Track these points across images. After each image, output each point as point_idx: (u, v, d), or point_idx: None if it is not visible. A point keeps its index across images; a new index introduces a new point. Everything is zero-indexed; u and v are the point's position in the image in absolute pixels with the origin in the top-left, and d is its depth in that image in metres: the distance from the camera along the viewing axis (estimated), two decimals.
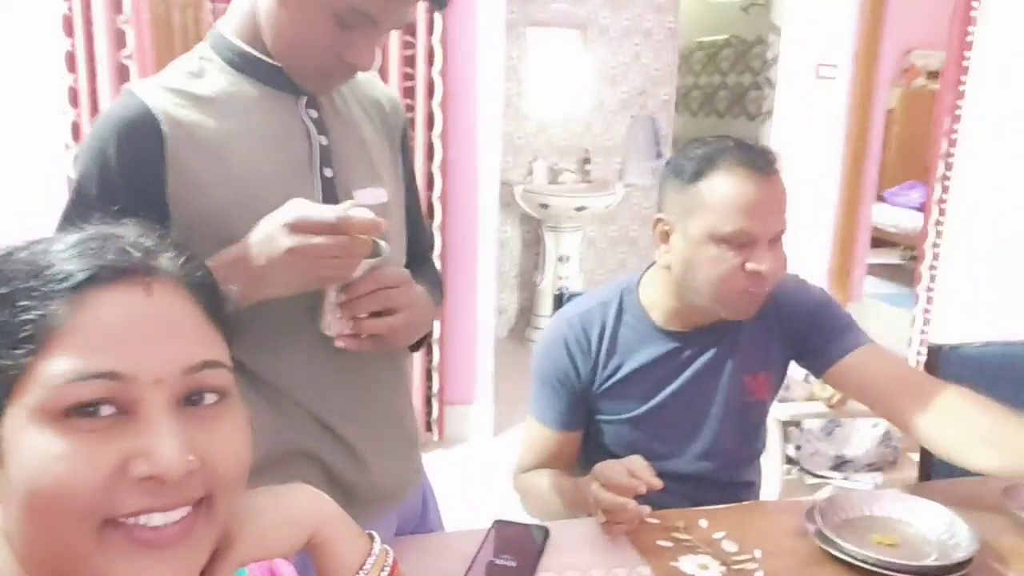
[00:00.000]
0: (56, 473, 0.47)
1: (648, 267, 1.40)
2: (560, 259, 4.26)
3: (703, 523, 1.23)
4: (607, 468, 1.15)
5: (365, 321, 0.96)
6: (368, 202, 1.00)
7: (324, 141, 1.02)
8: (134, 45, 2.63)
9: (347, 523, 0.67)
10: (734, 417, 1.38)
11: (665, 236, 1.29)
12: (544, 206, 4.13)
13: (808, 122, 4.27)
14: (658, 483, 1.11)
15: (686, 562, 1.13)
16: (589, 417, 1.40)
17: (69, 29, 2.57)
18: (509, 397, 3.24)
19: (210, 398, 0.54)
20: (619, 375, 1.36)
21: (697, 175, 1.22)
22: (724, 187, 1.20)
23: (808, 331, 1.35)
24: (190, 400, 0.53)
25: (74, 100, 2.63)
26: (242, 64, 0.99)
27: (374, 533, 0.69)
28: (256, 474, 0.57)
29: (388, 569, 0.67)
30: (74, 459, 0.48)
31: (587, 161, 4.45)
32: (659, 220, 1.30)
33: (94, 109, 2.64)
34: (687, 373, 1.36)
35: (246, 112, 0.98)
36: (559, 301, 1.72)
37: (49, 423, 0.48)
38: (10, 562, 0.52)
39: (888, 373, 1.29)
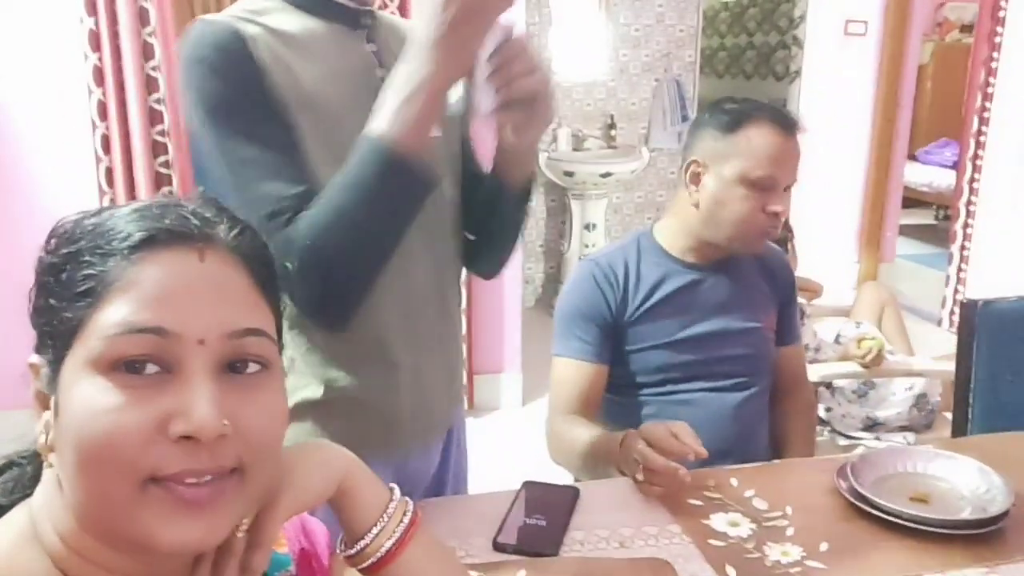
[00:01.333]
0: (102, 424, 0.49)
1: (654, 220, 1.58)
2: (586, 227, 4.24)
3: (734, 481, 1.23)
4: (655, 430, 1.16)
5: (517, 83, 0.92)
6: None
7: (382, 73, 1.01)
8: (156, 22, 2.65)
9: (369, 473, 0.68)
10: (752, 344, 1.50)
11: (696, 177, 1.44)
12: (569, 174, 4.11)
13: (837, 81, 4.19)
14: (704, 453, 1.13)
15: (717, 520, 1.13)
16: (619, 353, 1.46)
17: (92, 8, 2.59)
18: (537, 366, 3.24)
19: (252, 367, 0.55)
20: (649, 303, 1.46)
21: (735, 125, 1.40)
22: (759, 138, 1.38)
23: (784, 308, 1.58)
24: (233, 367, 0.54)
25: (99, 79, 2.65)
26: (309, 3, 1.01)
27: (394, 486, 0.70)
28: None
29: (410, 515, 0.68)
30: (118, 412, 0.49)
31: (612, 127, 4.40)
32: (694, 162, 1.44)
33: (120, 88, 2.66)
34: (711, 301, 1.48)
35: (314, 42, 1.00)
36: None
37: (99, 374, 0.50)
38: (59, 522, 0.54)
39: (795, 372, 1.62)
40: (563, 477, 1.38)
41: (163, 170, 2.78)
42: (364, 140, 0.89)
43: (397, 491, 0.70)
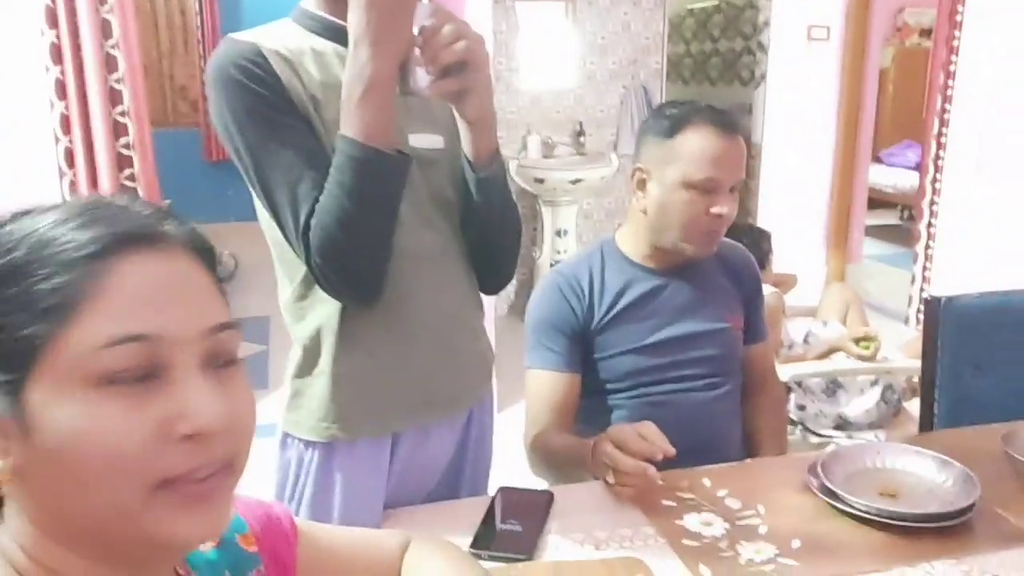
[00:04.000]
0: (104, 440, 0.49)
1: (618, 227, 1.58)
2: (557, 233, 4.25)
3: (706, 482, 1.24)
4: (622, 432, 1.16)
5: (445, 52, 1.01)
6: (423, 146, 1.14)
7: None
8: (119, 34, 2.62)
9: None
10: (720, 344, 1.51)
11: (642, 184, 1.47)
12: (539, 180, 4.12)
13: (801, 85, 4.25)
14: (672, 451, 1.13)
15: (690, 520, 1.14)
16: (589, 359, 1.47)
17: (53, 21, 2.55)
18: (511, 374, 3.24)
19: (226, 361, 0.55)
20: (615, 311, 1.47)
21: (674, 129, 1.41)
22: (696, 142, 1.39)
23: (750, 306, 1.59)
24: (211, 363, 0.54)
25: (62, 92, 2.61)
26: (318, 27, 1.12)
27: None
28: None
29: None
30: (119, 425, 0.49)
31: (581, 133, 4.43)
32: (637, 169, 1.47)
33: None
34: (676, 304, 1.49)
35: (319, 57, 1.10)
36: None
37: (83, 390, 0.49)
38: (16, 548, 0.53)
39: (763, 369, 1.64)
40: (539, 484, 1.39)
41: (124, 151, 2.73)
42: (338, 142, 1.01)
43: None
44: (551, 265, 1.96)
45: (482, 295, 1.35)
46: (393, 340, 1.14)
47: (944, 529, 1.09)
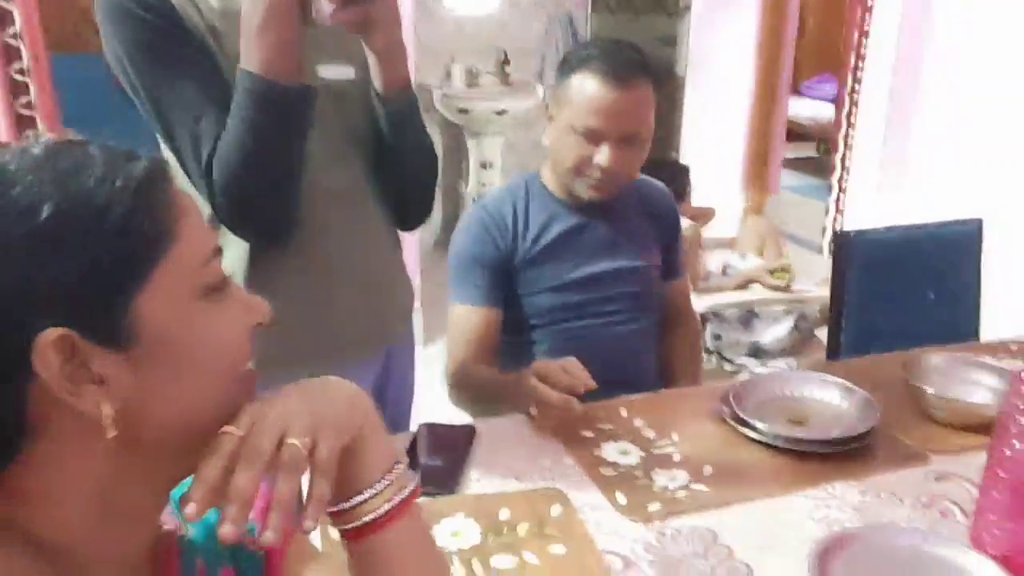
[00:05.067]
0: (219, 342, 0.55)
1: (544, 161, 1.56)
2: (483, 166, 4.21)
3: (623, 412, 1.27)
4: (547, 367, 1.18)
5: None
6: (333, 77, 1.10)
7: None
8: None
9: (382, 427, 0.65)
10: (637, 281, 1.53)
11: (551, 120, 1.45)
12: (464, 111, 4.05)
13: (724, 16, 4.25)
14: (594, 384, 1.16)
15: (607, 449, 1.17)
16: (511, 295, 1.47)
17: None
18: (437, 307, 3.24)
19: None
20: (538, 247, 1.46)
21: (568, 72, 1.39)
22: (582, 88, 1.36)
23: (668, 245, 1.60)
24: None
25: None
26: None
27: (400, 449, 0.68)
28: None
29: (410, 488, 0.64)
30: (226, 327, 0.56)
31: (506, 62, 4.35)
32: (547, 105, 1.47)
33: None
34: (597, 242, 1.49)
35: None
36: None
37: (195, 302, 0.54)
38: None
39: (680, 304, 1.67)
40: (461, 418, 1.40)
41: (19, 77, 2.57)
42: (239, 75, 0.97)
43: (403, 465, 0.65)
44: (475, 199, 1.94)
45: (404, 231, 1.33)
46: (307, 281, 1.12)
47: (846, 453, 1.15)
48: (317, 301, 1.13)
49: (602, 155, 1.36)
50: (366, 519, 0.61)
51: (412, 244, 3.20)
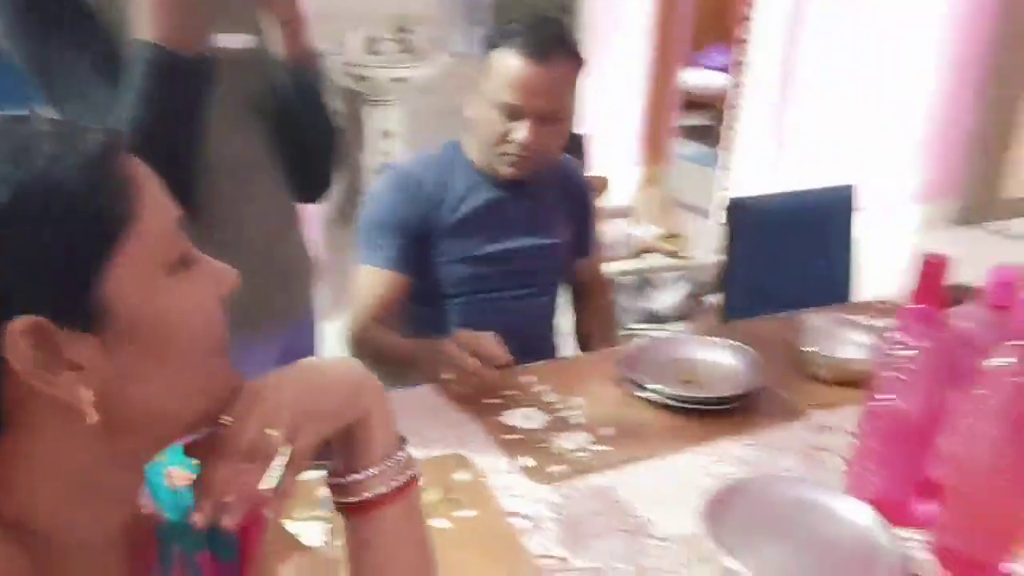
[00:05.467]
0: (192, 318, 0.54)
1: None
2: (384, 134, 4.16)
3: (528, 379, 1.31)
4: (469, 336, 1.21)
5: None
6: (232, 45, 1.07)
7: None
8: None
9: (389, 411, 0.66)
10: (548, 258, 1.55)
11: (475, 93, 1.43)
12: (362, 78, 3.98)
13: None
14: (510, 359, 1.20)
15: (512, 415, 1.21)
16: (424, 264, 1.47)
17: None
18: (338, 279, 3.21)
19: None
20: (455, 218, 1.46)
21: (491, 46, 1.38)
22: (502, 63, 1.35)
23: (582, 223, 1.62)
24: None
25: None
26: None
27: (404, 436, 0.68)
28: None
29: (412, 472, 0.66)
30: (197, 300, 0.54)
31: (406, 29, 4.29)
32: (476, 79, 1.44)
33: None
34: (513, 218, 1.49)
35: None
36: None
37: (162, 278, 0.52)
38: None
39: (595, 278, 1.70)
40: None
41: None
42: (135, 45, 0.92)
43: (408, 447, 0.67)
44: (376, 169, 1.92)
45: (304, 203, 1.32)
46: (206, 255, 1.10)
47: (735, 410, 1.23)
48: None
49: (520, 131, 1.36)
50: (362, 497, 0.63)
51: (311, 215, 3.15)
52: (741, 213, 1.84)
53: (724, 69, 5.92)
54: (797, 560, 0.91)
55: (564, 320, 1.70)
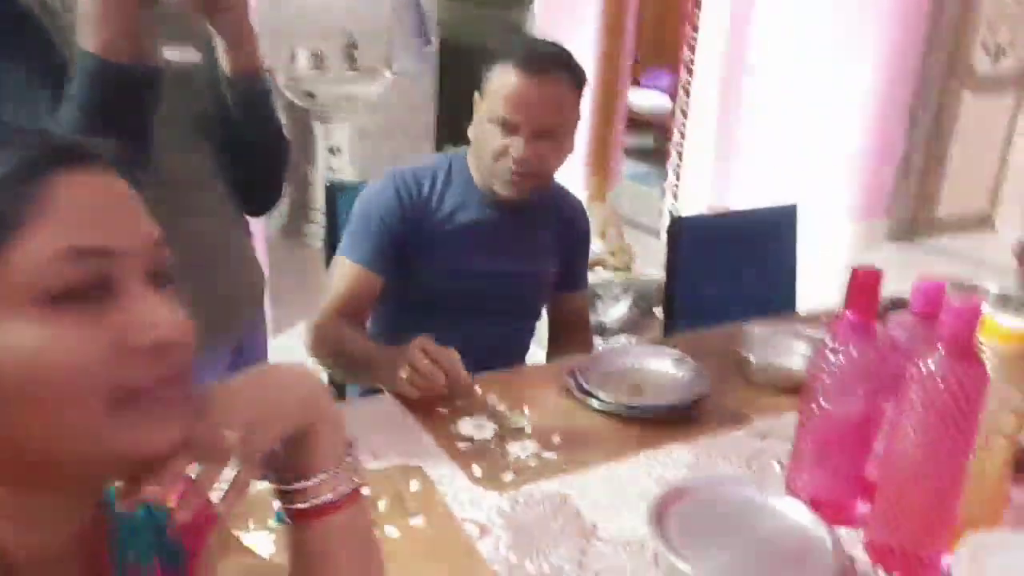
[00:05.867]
0: (59, 357, 0.47)
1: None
2: (331, 151, 4.15)
3: (478, 389, 1.32)
4: (433, 346, 1.23)
5: None
6: (178, 59, 1.06)
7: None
8: None
9: (338, 416, 0.66)
10: (530, 287, 1.57)
11: (476, 110, 1.44)
12: (310, 95, 3.98)
13: (567, 7, 4.39)
14: (469, 382, 1.25)
15: (463, 425, 1.22)
16: (404, 269, 1.47)
17: None
18: (286, 297, 3.19)
19: (166, 279, 0.55)
20: (445, 228, 1.47)
21: (490, 64, 1.39)
22: (500, 78, 1.37)
23: (573, 256, 1.63)
24: (154, 279, 0.53)
25: None
26: None
27: (352, 441, 0.67)
28: None
29: (358, 479, 0.66)
30: (73, 340, 0.47)
31: (353, 46, 4.30)
32: (476, 94, 1.45)
33: None
34: (501, 240, 1.50)
35: None
36: (331, 193, 1.72)
37: (37, 309, 0.47)
38: None
39: (579, 315, 1.70)
40: None
41: None
42: (78, 56, 0.91)
43: (356, 448, 0.67)
44: (327, 185, 1.89)
45: (252, 216, 1.32)
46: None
47: (680, 418, 1.26)
48: None
49: (516, 146, 1.36)
50: (307, 504, 0.63)
51: (256, 230, 3.11)
52: (685, 229, 1.89)
53: (666, 91, 6.06)
54: (742, 559, 0.94)
55: (538, 351, 1.70)
